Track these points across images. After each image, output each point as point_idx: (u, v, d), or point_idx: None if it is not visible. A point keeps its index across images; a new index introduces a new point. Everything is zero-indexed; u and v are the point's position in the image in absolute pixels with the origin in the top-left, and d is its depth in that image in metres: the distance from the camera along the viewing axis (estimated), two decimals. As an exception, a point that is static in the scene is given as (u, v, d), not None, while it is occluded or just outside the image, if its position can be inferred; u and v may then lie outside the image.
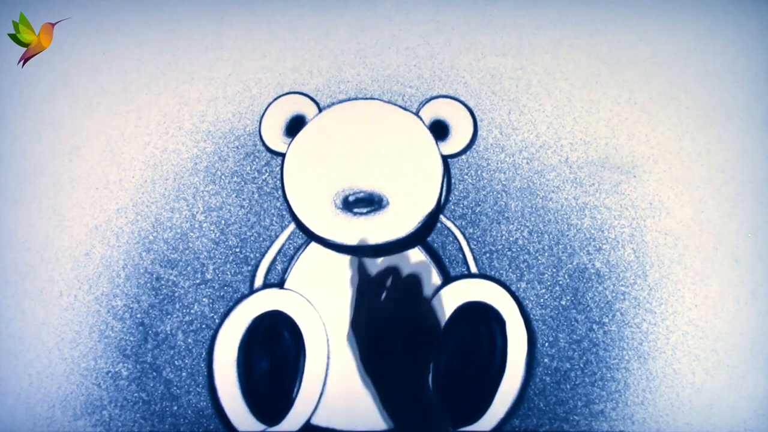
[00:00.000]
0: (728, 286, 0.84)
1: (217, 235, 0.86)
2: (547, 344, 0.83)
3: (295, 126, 0.88)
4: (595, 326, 0.83)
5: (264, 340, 0.82)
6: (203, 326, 0.84)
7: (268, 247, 0.85)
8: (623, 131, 0.88)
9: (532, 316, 0.83)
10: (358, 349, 0.62)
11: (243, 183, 0.87)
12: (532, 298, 0.84)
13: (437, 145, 0.86)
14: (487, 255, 0.85)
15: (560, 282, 0.84)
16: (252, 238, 0.86)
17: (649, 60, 0.89)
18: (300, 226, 0.85)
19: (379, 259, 0.67)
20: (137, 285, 0.85)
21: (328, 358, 0.82)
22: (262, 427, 0.80)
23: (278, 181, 0.87)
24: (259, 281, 0.85)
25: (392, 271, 0.64)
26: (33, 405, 0.83)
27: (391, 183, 0.84)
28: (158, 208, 0.87)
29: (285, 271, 0.85)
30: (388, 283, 0.64)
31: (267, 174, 0.87)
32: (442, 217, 0.86)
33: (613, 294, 0.84)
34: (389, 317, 0.61)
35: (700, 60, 0.89)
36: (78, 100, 0.89)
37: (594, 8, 0.90)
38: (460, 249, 0.85)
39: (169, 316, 0.84)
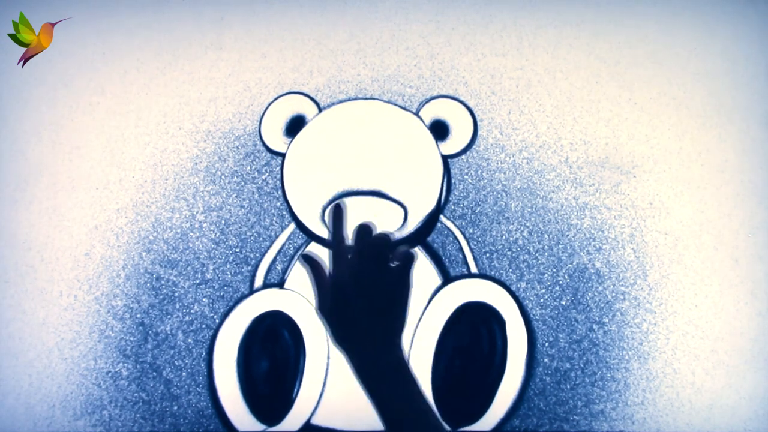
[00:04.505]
0: (728, 286, 0.84)
1: (217, 235, 0.86)
2: (547, 344, 0.83)
3: (295, 126, 0.88)
4: (595, 326, 0.83)
5: (264, 340, 0.83)
6: (203, 326, 0.84)
7: (268, 247, 0.86)
8: (623, 131, 0.88)
9: (532, 316, 0.83)
10: (327, 324, 0.62)
11: (243, 183, 0.87)
12: (532, 298, 0.84)
13: (437, 145, 0.86)
14: (487, 255, 0.85)
15: (560, 282, 0.84)
16: (252, 238, 0.86)
17: (649, 60, 0.89)
18: (300, 226, 0.85)
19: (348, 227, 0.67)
20: (137, 285, 0.85)
21: (328, 358, 0.82)
22: (262, 427, 0.80)
23: (278, 181, 0.87)
24: (259, 281, 0.85)
25: (356, 238, 0.64)
26: (33, 405, 0.83)
27: (391, 183, 0.84)
28: (158, 208, 0.87)
29: (285, 271, 0.85)
30: (351, 253, 0.64)
31: (267, 174, 0.87)
32: (442, 217, 0.86)
33: (613, 294, 0.84)
34: (353, 287, 0.61)
35: (700, 60, 0.89)
36: (78, 100, 0.90)
37: (594, 8, 0.90)
38: (460, 249, 0.85)
39: (169, 316, 0.84)
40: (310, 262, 0.65)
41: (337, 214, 0.67)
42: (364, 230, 0.63)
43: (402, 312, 0.62)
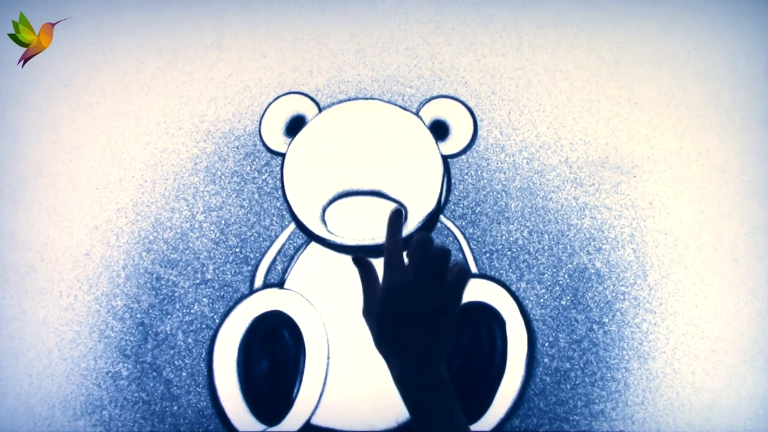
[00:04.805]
0: (728, 286, 0.84)
1: (217, 235, 0.86)
2: (547, 344, 0.83)
3: (295, 126, 0.88)
4: (595, 326, 0.83)
5: (264, 340, 0.83)
6: (203, 326, 0.84)
7: (268, 247, 0.86)
8: (623, 131, 0.88)
9: (532, 316, 0.83)
10: (373, 328, 0.61)
11: (243, 183, 0.87)
12: (532, 298, 0.84)
13: (437, 145, 0.86)
14: (487, 255, 0.85)
15: (560, 282, 0.84)
16: (252, 238, 0.86)
17: (649, 60, 0.89)
18: (300, 226, 0.85)
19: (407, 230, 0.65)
20: (137, 285, 0.85)
21: (328, 358, 0.82)
22: (262, 427, 0.80)
23: (278, 181, 0.87)
24: (259, 281, 0.85)
25: (418, 247, 0.62)
26: (33, 405, 0.83)
27: (391, 183, 0.84)
28: (158, 208, 0.87)
29: (285, 271, 0.85)
30: (408, 259, 0.63)
31: (267, 174, 0.87)
32: (442, 217, 0.86)
33: (613, 294, 0.84)
34: (408, 294, 0.60)
35: (700, 60, 0.89)
36: (78, 100, 0.90)
37: (594, 8, 0.90)
38: (460, 249, 0.85)
39: (169, 316, 0.84)
40: (362, 264, 0.64)
41: (395, 219, 0.65)
42: (425, 241, 0.62)
43: (451, 329, 0.61)
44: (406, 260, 0.62)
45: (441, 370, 0.59)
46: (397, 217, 0.65)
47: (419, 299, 0.59)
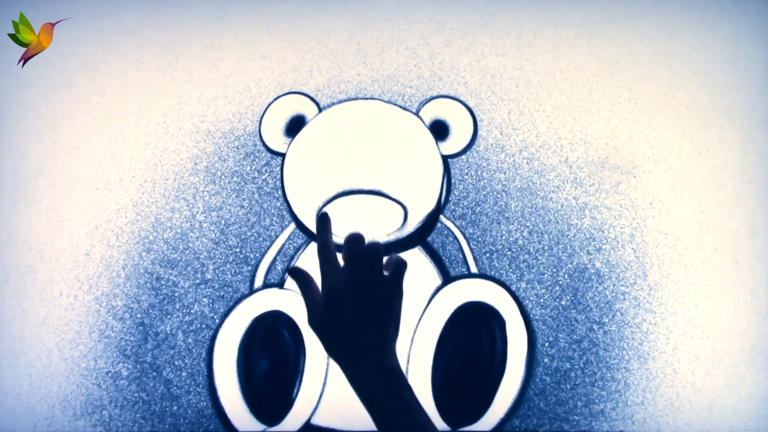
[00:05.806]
0: (728, 286, 0.84)
1: (217, 235, 0.86)
2: (547, 344, 0.83)
3: (295, 126, 0.88)
4: (595, 326, 0.83)
5: (264, 340, 0.83)
6: (203, 326, 0.84)
7: (268, 247, 0.86)
8: (623, 131, 0.88)
9: (532, 316, 0.83)
10: (320, 337, 0.60)
11: (243, 183, 0.87)
12: (532, 298, 0.84)
13: (437, 145, 0.86)
14: (487, 255, 0.85)
15: (560, 282, 0.84)
16: (252, 238, 0.86)
17: (649, 60, 0.89)
18: (300, 226, 0.85)
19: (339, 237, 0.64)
20: (137, 285, 0.85)
21: (328, 358, 0.82)
22: (262, 427, 0.80)
23: (278, 181, 0.87)
24: (259, 281, 0.85)
25: (347, 247, 0.62)
26: (33, 405, 0.83)
27: (391, 183, 0.84)
28: (158, 208, 0.87)
29: (285, 271, 0.85)
30: (343, 261, 0.62)
31: (267, 174, 0.87)
32: (442, 217, 0.86)
33: (613, 294, 0.84)
34: (346, 296, 0.59)
35: (700, 60, 0.89)
36: (78, 100, 0.89)
37: (594, 8, 0.90)
38: (460, 249, 0.85)
39: (169, 316, 0.84)
40: (299, 276, 0.64)
41: (323, 223, 0.64)
42: (354, 239, 0.62)
43: (395, 320, 0.61)
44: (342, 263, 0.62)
45: (392, 361, 0.59)
46: (324, 220, 0.64)
47: (358, 297, 0.59)
